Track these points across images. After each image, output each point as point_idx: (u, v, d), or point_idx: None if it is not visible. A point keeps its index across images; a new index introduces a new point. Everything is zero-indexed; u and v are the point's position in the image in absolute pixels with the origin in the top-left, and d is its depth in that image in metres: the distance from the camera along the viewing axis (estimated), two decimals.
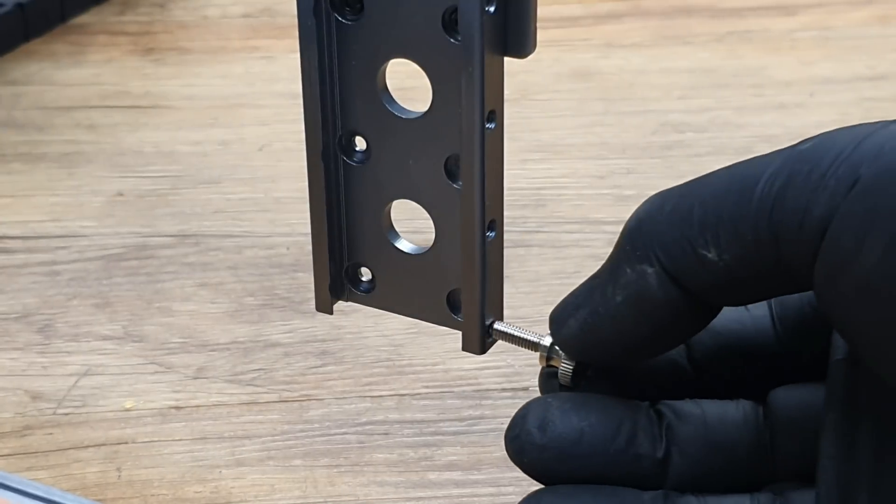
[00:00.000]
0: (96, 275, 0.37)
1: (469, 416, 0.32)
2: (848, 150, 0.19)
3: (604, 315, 0.21)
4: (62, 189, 0.41)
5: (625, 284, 0.21)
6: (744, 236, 0.19)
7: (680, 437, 0.22)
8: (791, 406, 0.22)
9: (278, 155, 0.43)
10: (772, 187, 0.19)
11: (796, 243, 0.19)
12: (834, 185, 0.19)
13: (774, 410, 0.22)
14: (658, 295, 0.20)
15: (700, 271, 0.20)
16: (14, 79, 0.48)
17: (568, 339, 0.22)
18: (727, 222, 0.20)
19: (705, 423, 0.22)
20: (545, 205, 0.40)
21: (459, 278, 0.23)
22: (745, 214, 0.19)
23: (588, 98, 0.46)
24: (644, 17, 0.52)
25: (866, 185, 0.18)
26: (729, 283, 0.20)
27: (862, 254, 0.18)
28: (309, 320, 0.35)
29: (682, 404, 0.22)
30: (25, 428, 0.31)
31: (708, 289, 0.20)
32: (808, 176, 0.19)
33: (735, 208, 0.20)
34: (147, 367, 0.34)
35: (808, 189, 0.19)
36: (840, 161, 0.19)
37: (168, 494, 0.29)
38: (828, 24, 0.51)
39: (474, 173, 0.22)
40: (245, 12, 0.53)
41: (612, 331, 0.21)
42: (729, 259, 0.20)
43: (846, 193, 0.19)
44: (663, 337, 0.21)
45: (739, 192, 0.20)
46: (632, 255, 0.21)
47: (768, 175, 0.20)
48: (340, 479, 0.30)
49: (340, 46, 0.22)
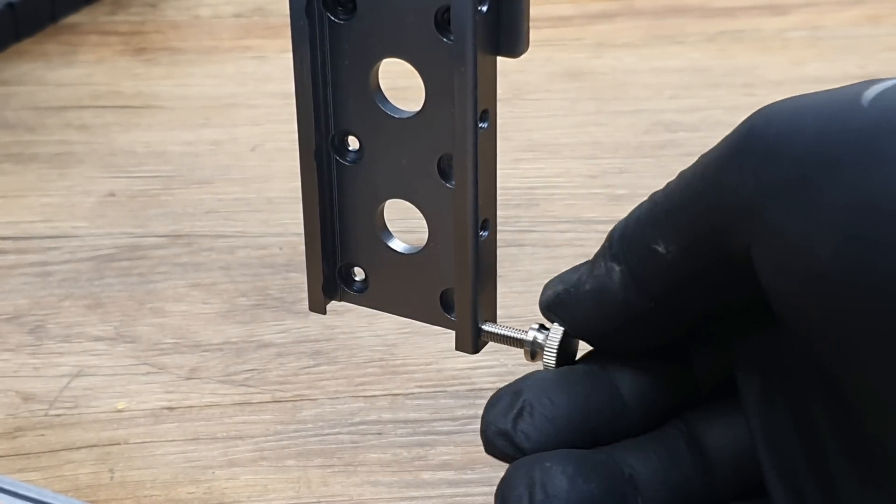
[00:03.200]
0: (88, 275, 0.37)
1: (462, 415, 0.32)
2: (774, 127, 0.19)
3: (573, 296, 0.22)
4: (53, 189, 0.41)
5: (595, 276, 0.22)
6: (684, 226, 0.20)
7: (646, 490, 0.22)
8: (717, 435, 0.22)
9: (271, 155, 0.43)
10: (707, 173, 0.20)
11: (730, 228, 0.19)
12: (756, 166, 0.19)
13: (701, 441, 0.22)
14: (618, 294, 0.21)
15: (652, 266, 0.21)
16: (5, 79, 0.48)
17: (542, 303, 0.23)
18: (672, 214, 0.20)
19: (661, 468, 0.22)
20: (538, 204, 0.40)
21: (452, 278, 0.23)
22: (683, 204, 0.20)
23: (580, 98, 0.46)
24: (636, 17, 0.52)
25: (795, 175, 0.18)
26: (679, 278, 0.21)
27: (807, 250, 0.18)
28: (302, 320, 0.35)
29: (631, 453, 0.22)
30: (17, 429, 0.31)
31: (661, 285, 0.21)
32: (738, 156, 0.19)
33: (678, 199, 0.20)
34: (139, 368, 0.33)
35: (735, 171, 0.19)
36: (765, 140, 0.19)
37: (161, 495, 0.29)
38: (818, 24, 0.51)
39: (467, 173, 0.22)
40: (237, 12, 0.53)
41: (575, 313, 0.22)
42: (675, 251, 0.20)
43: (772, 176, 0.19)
44: (618, 334, 0.22)
45: (686, 184, 0.20)
46: (608, 252, 0.22)
47: (709, 162, 0.20)
48: (334, 480, 0.30)
49: (333, 46, 0.22)
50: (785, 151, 0.19)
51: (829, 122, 0.18)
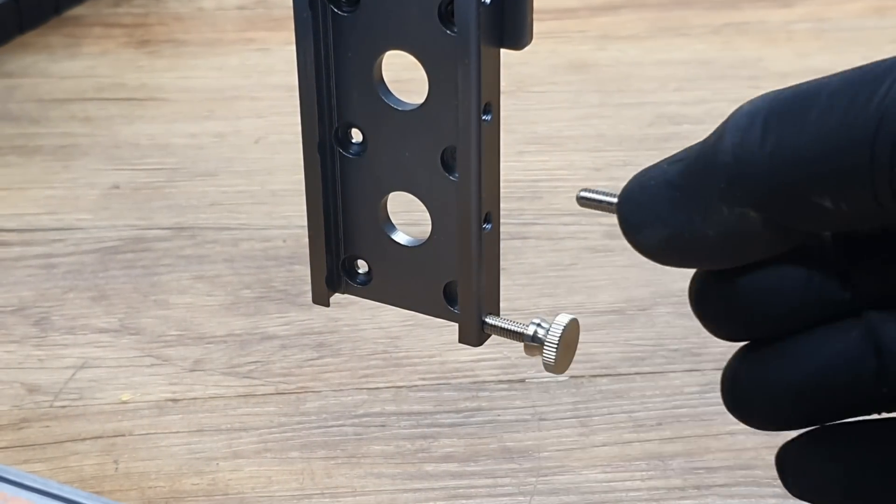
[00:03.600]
0: (92, 268, 0.37)
1: (466, 407, 0.32)
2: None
3: (690, 241, 0.19)
4: (58, 182, 0.41)
5: (720, 222, 0.19)
6: (865, 195, 0.18)
7: None
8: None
9: (274, 147, 0.43)
10: (886, 141, 0.17)
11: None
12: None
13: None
14: (763, 237, 0.19)
15: (815, 218, 0.18)
16: (9, 71, 0.48)
17: (644, 247, 0.20)
18: (844, 179, 0.18)
19: None
20: (541, 197, 0.40)
21: (456, 270, 0.23)
22: (863, 177, 0.17)
23: (584, 90, 0.46)
24: (640, 9, 0.52)
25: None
26: (849, 225, 0.19)
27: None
28: (305, 313, 0.35)
29: None
30: (22, 421, 0.31)
31: (823, 230, 0.19)
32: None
33: (851, 163, 0.17)
34: (143, 360, 0.33)
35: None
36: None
37: (165, 487, 0.29)
38: (824, 16, 0.51)
39: (471, 165, 0.22)
40: (240, 4, 0.53)
41: (696, 255, 0.20)
42: (847, 209, 0.18)
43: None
44: (751, 257, 0.20)
45: (853, 144, 0.17)
46: (729, 195, 0.18)
47: (881, 123, 0.17)
48: (337, 471, 0.30)
49: (336, 38, 0.22)
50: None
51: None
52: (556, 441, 0.31)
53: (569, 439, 0.31)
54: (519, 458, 0.30)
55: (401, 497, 0.29)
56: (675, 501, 0.29)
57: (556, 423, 0.31)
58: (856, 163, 0.18)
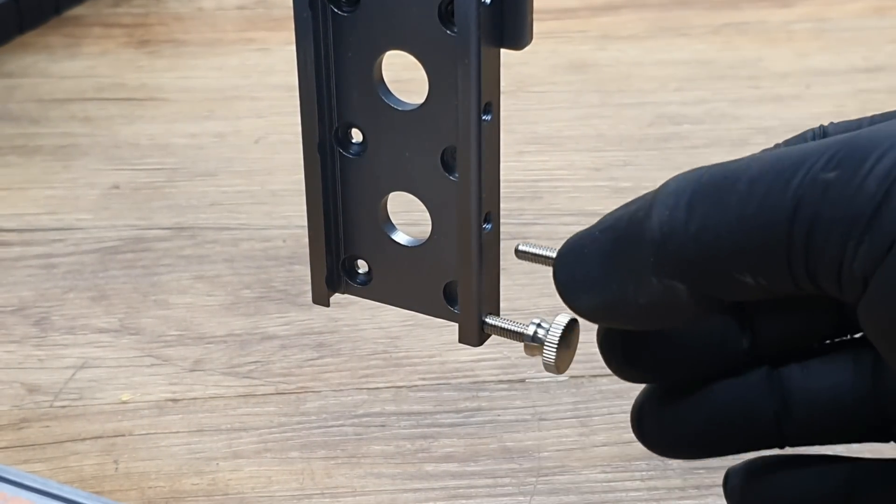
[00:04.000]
0: (92, 268, 0.37)
1: (466, 407, 0.32)
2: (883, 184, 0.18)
3: (622, 307, 0.21)
4: (58, 182, 0.41)
5: (650, 292, 0.20)
6: (782, 272, 0.19)
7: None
8: None
9: (274, 147, 0.43)
10: (801, 228, 0.18)
11: (836, 290, 0.19)
12: (869, 242, 0.18)
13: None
14: (688, 307, 0.20)
15: (737, 292, 0.20)
16: (9, 71, 0.48)
17: (579, 311, 0.22)
18: (763, 260, 0.19)
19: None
20: (541, 197, 0.40)
21: (456, 270, 0.23)
22: (780, 258, 0.19)
23: (584, 90, 0.46)
24: (641, 9, 0.52)
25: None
26: (770, 296, 0.20)
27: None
28: (305, 313, 0.35)
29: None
30: (22, 421, 0.31)
31: (746, 299, 0.20)
32: (838, 222, 0.18)
33: (768, 245, 0.19)
34: (143, 360, 0.33)
35: (839, 238, 0.18)
36: (871, 207, 0.18)
37: (165, 487, 0.29)
38: (824, 16, 0.51)
39: (471, 165, 0.22)
40: (240, 4, 0.53)
41: (626, 319, 0.21)
42: (767, 283, 0.19)
43: (885, 252, 0.18)
44: (679, 321, 0.22)
45: (768, 226, 0.19)
46: (659, 269, 0.20)
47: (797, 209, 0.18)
48: (337, 471, 0.30)
49: (336, 38, 0.22)
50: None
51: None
52: (556, 441, 0.31)
53: (569, 439, 0.31)
54: (519, 458, 0.30)
55: (401, 497, 0.29)
56: (675, 501, 0.29)
57: (556, 423, 0.31)
58: (773, 246, 0.19)
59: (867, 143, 0.18)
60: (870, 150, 0.18)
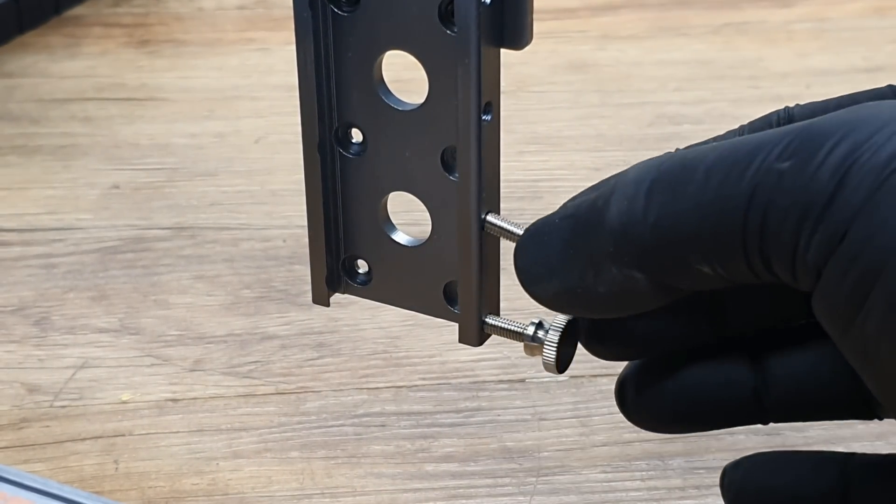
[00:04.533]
0: (92, 268, 0.37)
1: (466, 407, 0.32)
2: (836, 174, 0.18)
3: (581, 296, 0.21)
4: (58, 182, 0.41)
5: (610, 281, 0.20)
6: (738, 261, 0.19)
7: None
8: None
9: (274, 147, 0.43)
10: (756, 217, 0.18)
11: (791, 279, 0.19)
12: (822, 234, 0.18)
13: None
14: (647, 296, 0.20)
15: (695, 280, 0.20)
16: (9, 71, 0.48)
17: (538, 298, 0.22)
18: (719, 246, 0.19)
19: None
20: (541, 197, 0.40)
21: (456, 270, 0.23)
22: (735, 246, 0.19)
23: (584, 90, 0.46)
24: (640, 9, 0.52)
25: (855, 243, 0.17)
26: (728, 284, 0.20)
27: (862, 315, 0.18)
28: (305, 312, 0.35)
29: None
30: (22, 420, 0.31)
31: (705, 288, 0.20)
32: (792, 211, 0.18)
33: (724, 234, 0.19)
34: (144, 360, 0.33)
35: (793, 228, 0.18)
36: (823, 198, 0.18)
37: (165, 486, 0.29)
38: (824, 16, 0.51)
39: (471, 165, 0.22)
40: (240, 4, 0.53)
41: (586, 307, 0.21)
42: (724, 272, 0.19)
43: (837, 242, 0.18)
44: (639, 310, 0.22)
45: (726, 219, 0.19)
46: (617, 258, 0.20)
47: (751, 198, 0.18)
48: (337, 471, 0.30)
49: (337, 38, 0.22)
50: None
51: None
52: (556, 441, 0.31)
53: (569, 439, 0.31)
54: (519, 458, 0.30)
55: (401, 497, 0.29)
56: (675, 501, 0.29)
57: (556, 423, 0.31)
58: (729, 235, 0.19)
59: (822, 131, 0.18)
60: (824, 140, 0.18)
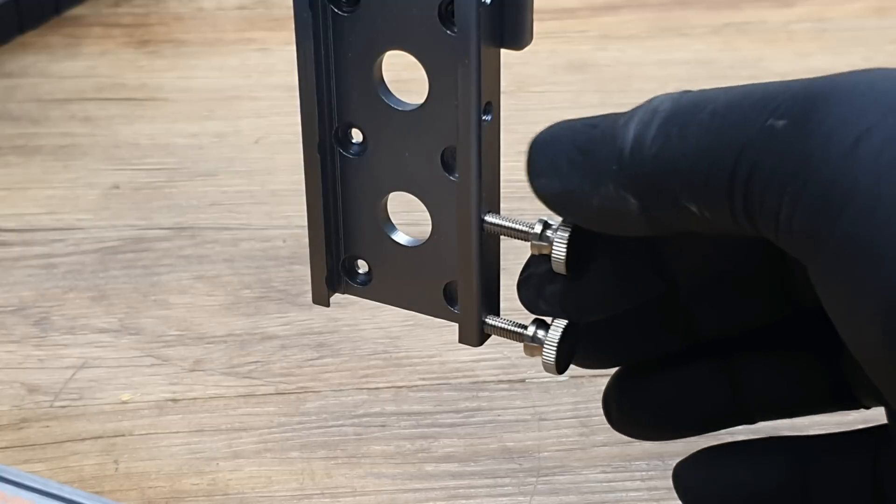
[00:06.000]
0: (92, 268, 0.37)
1: (466, 407, 0.32)
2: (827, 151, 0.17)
3: (575, 201, 0.21)
4: (58, 182, 0.41)
5: (605, 196, 0.21)
6: (723, 209, 0.19)
7: None
8: None
9: (275, 147, 0.43)
10: (742, 172, 0.19)
11: (774, 239, 0.19)
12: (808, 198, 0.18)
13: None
14: (635, 222, 0.21)
15: (680, 217, 0.20)
16: (9, 71, 0.48)
17: (537, 192, 0.22)
18: (708, 192, 0.19)
19: None
20: None
21: (456, 270, 0.23)
22: (722, 194, 0.19)
23: (584, 90, 0.46)
24: (641, 9, 0.52)
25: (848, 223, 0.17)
26: (712, 231, 0.20)
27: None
28: (306, 313, 0.35)
29: None
30: (22, 421, 0.31)
31: (691, 229, 0.20)
32: (778, 173, 0.18)
33: (712, 181, 0.19)
34: (144, 360, 0.34)
35: (777, 190, 0.18)
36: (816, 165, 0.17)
37: (165, 487, 0.29)
38: (824, 16, 0.51)
39: (471, 165, 0.22)
40: (240, 4, 0.53)
41: (578, 213, 0.22)
42: (710, 216, 0.20)
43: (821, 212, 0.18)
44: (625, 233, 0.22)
45: (715, 163, 0.19)
46: (618, 177, 0.20)
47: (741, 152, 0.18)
48: (337, 471, 0.30)
49: (336, 38, 0.22)
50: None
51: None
52: (556, 441, 0.31)
53: (569, 439, 0.31)
54: (519, 458, 0.30)
55: (401, 497, 0.29)
56: (675, 501, 0.29)
57: (556, 423, 0.31)
58: (717, 183, 0.19)
59: (820, 93, 0.18)
60: (819, 104, 0.18)
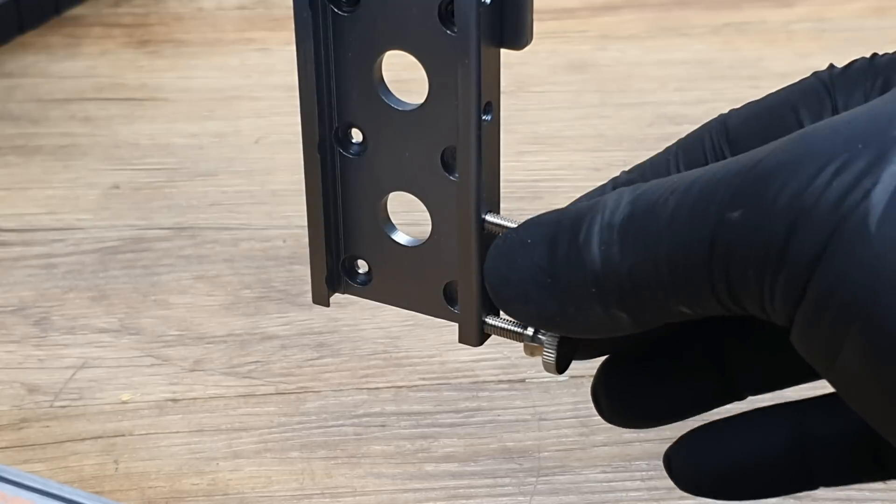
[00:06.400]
0: (92, 268, 0.37)
1: (466, 407, 0.32)
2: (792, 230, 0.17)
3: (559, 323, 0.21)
4: (58, 182, 0.41)
5: (596, 318, 0.20)
6: (714, 305, 0.19)
7: None
8: None
9: (274, 147, 0.43)
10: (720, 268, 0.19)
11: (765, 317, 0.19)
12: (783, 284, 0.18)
13: None
14: (624, 328, 0.20)
15: (679, 317, 0.20)
16: (9, 71, 0.48)
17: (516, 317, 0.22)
18: (692, 293, 0.19)
19: None
20: (541, 197, 0.40)
21: (456, 270, 0.23)
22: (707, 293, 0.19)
23: (584, 90, 0.46)
24: (641, 9, 0.52)
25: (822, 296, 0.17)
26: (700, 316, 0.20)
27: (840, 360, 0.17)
28: (305, 313, 0.35)
29: None
30: (22, 421, 0.31)
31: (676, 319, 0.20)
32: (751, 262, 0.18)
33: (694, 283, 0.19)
34: (144, 360, 0.33)
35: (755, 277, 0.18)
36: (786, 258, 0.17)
37: (165, 487, 0.29)
38: (824, 16, 0.51)
39: (471, 165, 0.22)
40: (240, 4, 0.53)
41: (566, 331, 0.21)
42: (704, 312, 0.20)
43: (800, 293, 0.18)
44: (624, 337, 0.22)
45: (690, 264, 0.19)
46: (602, 299, 0.20)
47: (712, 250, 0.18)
48: (337, 471, 0.30)
49: (336, 38, 0.22)
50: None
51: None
52: (556, 441, 0.31)
53: (569, 439, 0.31)
54: (519, 458, 0.30)
55: (401, 497, 0.29)
56: (675, 501, 0.29)
57: (556, 423, 0.31)
58: (699, 283, 0.19)
59: (765, 174, 0.18)
60: (768, 184, 0.18)
